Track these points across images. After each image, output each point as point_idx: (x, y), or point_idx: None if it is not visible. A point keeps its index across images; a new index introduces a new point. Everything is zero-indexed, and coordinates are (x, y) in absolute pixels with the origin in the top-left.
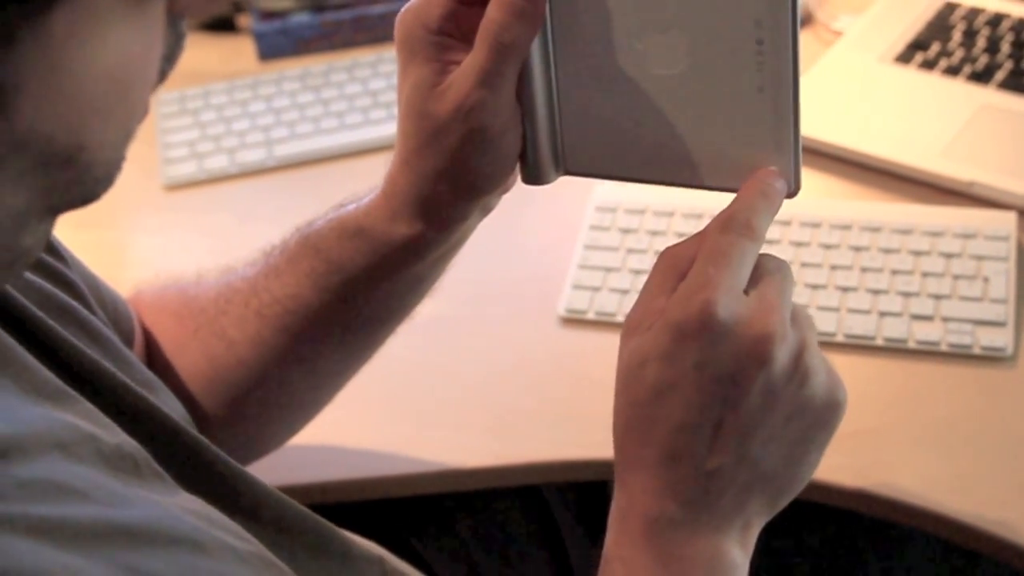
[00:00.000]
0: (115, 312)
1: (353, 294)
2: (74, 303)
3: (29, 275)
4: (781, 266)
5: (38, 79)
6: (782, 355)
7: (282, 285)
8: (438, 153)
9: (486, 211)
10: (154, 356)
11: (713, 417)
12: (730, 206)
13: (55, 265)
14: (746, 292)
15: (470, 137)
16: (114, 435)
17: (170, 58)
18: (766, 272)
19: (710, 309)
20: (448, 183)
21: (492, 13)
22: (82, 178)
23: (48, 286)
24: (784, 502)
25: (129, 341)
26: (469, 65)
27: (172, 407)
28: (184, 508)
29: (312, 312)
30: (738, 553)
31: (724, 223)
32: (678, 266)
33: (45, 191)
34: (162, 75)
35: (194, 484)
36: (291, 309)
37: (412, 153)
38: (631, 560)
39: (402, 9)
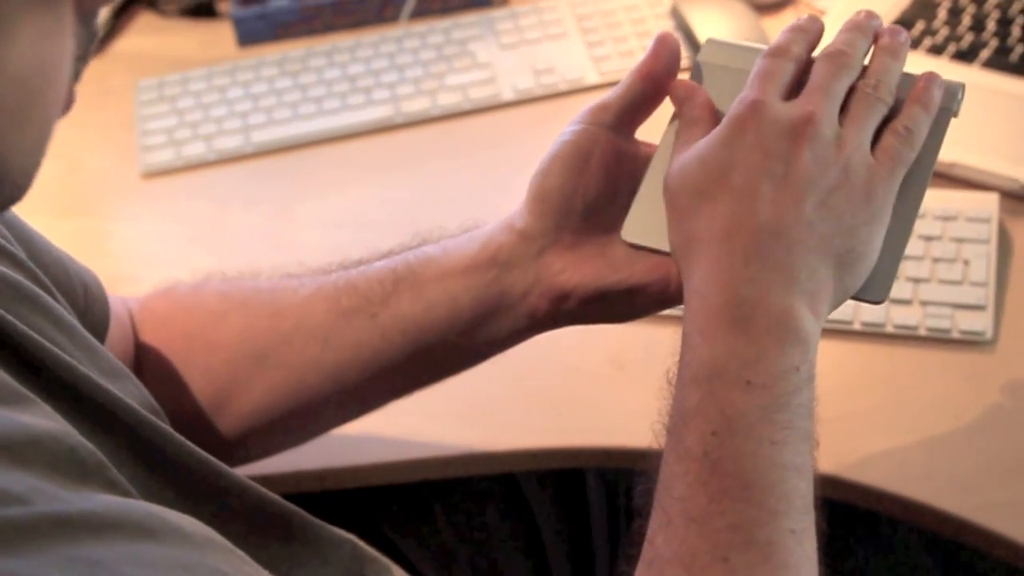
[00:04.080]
0: (86, 295)
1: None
2: (38, 290)
3: None
4: (829, 68)
5: None
6: (822, 138)
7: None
8: (544, 168)
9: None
10: (172, 337)
11: (769, 187)
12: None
13: (17, 252)
14: None
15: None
16: (69, 436)
17: (83, 57)
18: (815, 74)
19: (758, 103)
20: (548, 190)
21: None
22: None
23: (14, 275)
24: (848, 281)
25: (102, 325)
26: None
27: (138, 395)
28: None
29: (371, 304)
30: (806, 313)
31: (765, 53)
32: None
33: None
34: (76, 75)
35: (157, 474)
36: (349, 290)
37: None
38: (708, 329)
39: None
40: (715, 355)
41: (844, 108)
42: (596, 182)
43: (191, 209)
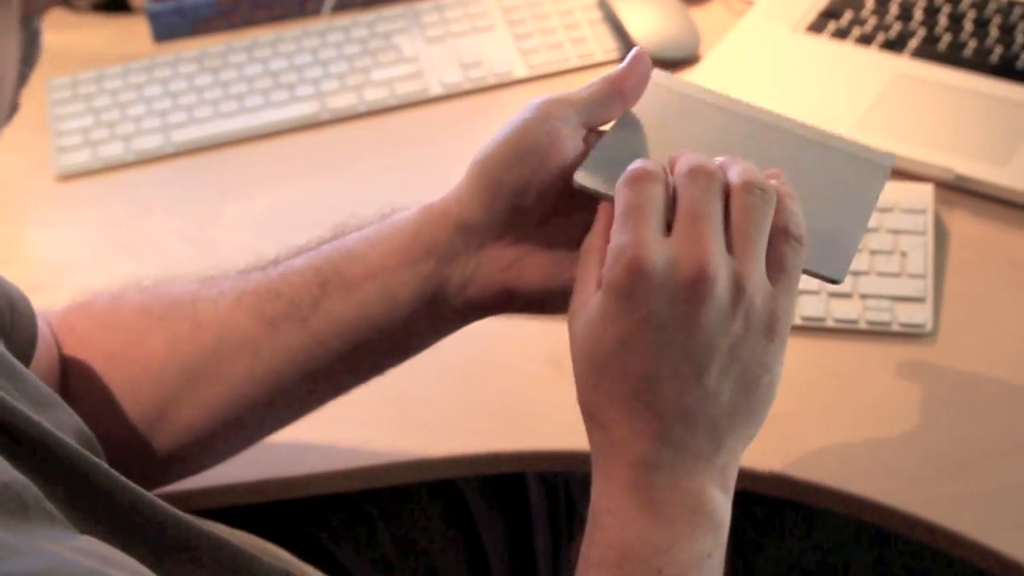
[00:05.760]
0: (12, 312)
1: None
2: None
3: None
4: (697, 189)
5: None
6: (720, 291)
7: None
8: (492, 152)
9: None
10: (93, 356)
11: (669, 363)
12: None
13: None
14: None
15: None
16: (2, 472)
17: (27, 60)
18: (685, 200)
19: (638, 263)
20: (495, 177)
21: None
22: None
23: None
24: (754, 432)
25: (30, 344)
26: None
27: (70, 424)
28: (78, 549)
29: (300, 310)
30: (719, 495)
31: (627, 179)
32: (597, 247)
33: None
34: (22, 78)
35: (89, 509)
36: (272, 296)
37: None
38: (619, 511)
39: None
40: (626, 539)
41: (726, 218)
42: (550, 178)
43: (110, 212)
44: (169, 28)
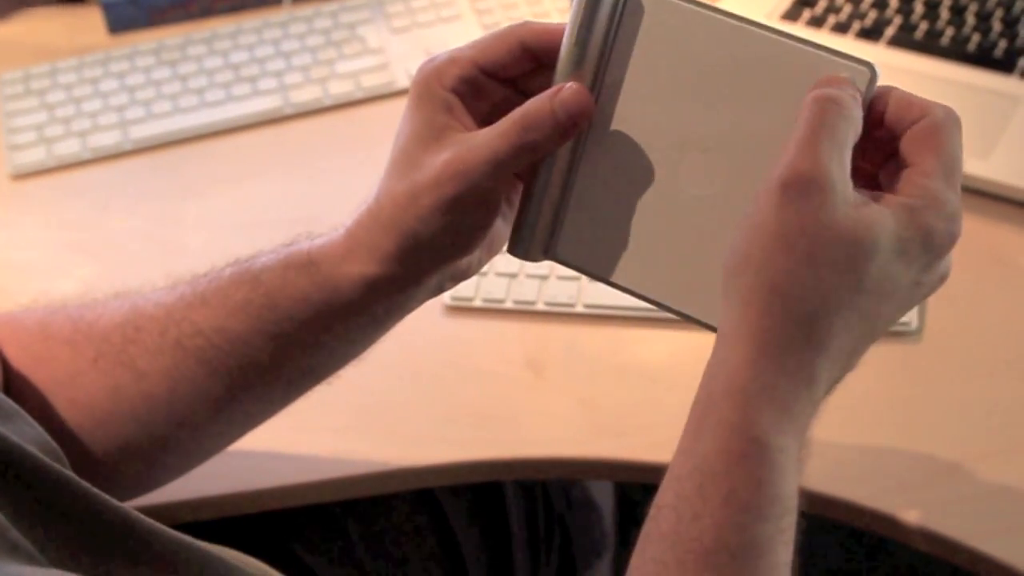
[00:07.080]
0: None
1: (287, 336)
2: None
3: None
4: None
5: None
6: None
7: (209, 316)
8: (415, 206)
9: (451, 279)
10: (33, 386)
11: (895, 306)
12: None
13: None
14: None
15: (451, 201)
16: None
17: None
18: (955, 151)
19: (955, 234)
20: (415, 238)
21: (533, 111)
22: None
23: None
24: None
25: None
26: (486, 142)
27: (33, 435)
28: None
29: (239, 350)
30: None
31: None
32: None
33: None
34: None
35: (60, 525)
36: (216, 344)
37: (387, 198)
38: (773, 388)
39: (429, 58)
40: (760, 429)
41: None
42: (486, 220)
43: (68, 213)
44: (124, 19)
